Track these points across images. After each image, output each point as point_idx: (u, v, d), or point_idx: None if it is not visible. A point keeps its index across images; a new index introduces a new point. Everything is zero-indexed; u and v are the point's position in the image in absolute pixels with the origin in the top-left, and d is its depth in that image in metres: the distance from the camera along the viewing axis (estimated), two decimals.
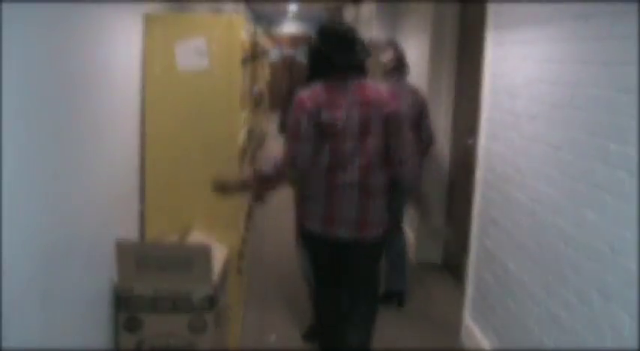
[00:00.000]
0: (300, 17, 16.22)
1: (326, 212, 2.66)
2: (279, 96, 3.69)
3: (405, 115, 2.79)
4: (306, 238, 2.83)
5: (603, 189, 2.13)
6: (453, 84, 4.64)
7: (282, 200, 7.06)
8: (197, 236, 2.86)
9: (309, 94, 2.64)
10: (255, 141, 4.84)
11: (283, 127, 3.73)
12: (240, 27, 2.89)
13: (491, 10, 3.31)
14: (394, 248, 3.91)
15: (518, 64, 2.95)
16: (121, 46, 2.47)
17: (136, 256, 2.39)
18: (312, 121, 2.59)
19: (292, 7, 13.12)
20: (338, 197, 2.64)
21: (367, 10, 7.44)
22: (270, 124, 11.61)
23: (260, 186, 2.75)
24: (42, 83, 1.64)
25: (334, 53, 2.67)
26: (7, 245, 1.44)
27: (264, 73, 8.23)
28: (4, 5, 1.39)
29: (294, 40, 15.84)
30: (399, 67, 3.92)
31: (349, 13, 10.77)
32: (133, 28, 2.63)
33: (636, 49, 1.96)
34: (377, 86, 2.74)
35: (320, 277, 2.89)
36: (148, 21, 2.78)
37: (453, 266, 4.57)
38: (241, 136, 3.10)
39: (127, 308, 2.40)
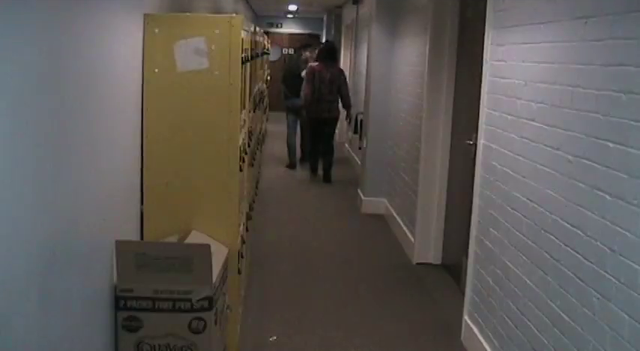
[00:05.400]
0: (299, 17, 16.22)
1: (319, 107, 7.71)
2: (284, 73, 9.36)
3: (346, 78, 7.97)
4: (312, 119, 7.87)
5: (603, 189, 2.13)
6: (452, 84, 4.64)
7: (282, 204, 7.07)
8: (197, 236, 2.85)
9: (314, 66, 7.76)
10: (255, 141, 4.84)
11: (284, 80, 9.03)
12: (240, 27, 2.89)
13: (491, 10, 3.31)
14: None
15: (517, 64, 2.95)
16: (121, 45, 2.46)
17: (136, 256, 2.39)
18: (312, 76, 7.67)
19: (292, 7, 13.12)
20: (324, 102, 7.70)
21: (367, 9, 7.44)
22: (270, 124, 11.62)
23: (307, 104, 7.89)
24: (42, 83, 1.64)
25: (326, 51, 7.96)
26: (6, 245, 1.44)
27: (264, 73, 8.25)
28: (4, 4, 1.39)
29: (294, 40, 15.83)
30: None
31: (349, 13, 10.76)
32: (133, 27, 2.63)
33: (636, 49, 1.96)
34: (337, 67, 8.10)
35: (312, 134, 8.08)
36: (148, 21, 2.78)
37: (452, 266, 4.57)
38: (241, 136, 3.10)
39: (126, 308, 2.40)
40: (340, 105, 7.89)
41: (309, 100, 7.73)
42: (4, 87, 1.41)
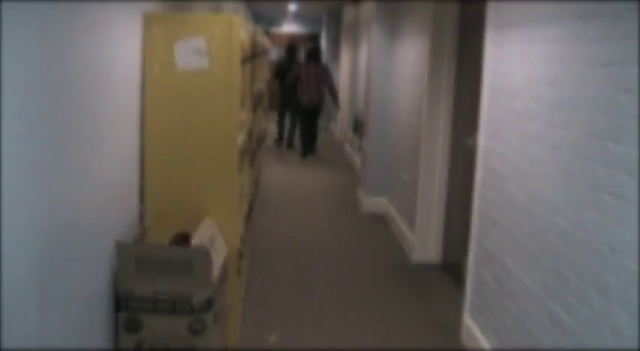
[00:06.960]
0: (299, 17, 16.22)
1: (308, 98, 9.67)
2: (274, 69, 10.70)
3: (330, 73, 10.09)
4: (302, 108, 9.81)
5: (603, 189, 2.13)
6: (452, 84, 4.64)
7: (282, 203, 7.07)
8: (208, 224, 2.83)
9: (301, 64, 9.89)
10: (255, 141, 4.84)
11: (276, 76, 10.53)
12: (239, 27, 2.89)
13: (491, 9, 3.31)
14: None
15: (517, 64, 2.95)
16: (121, 46, 2.46)
17: (136, 257, 2.39)
18: (301, 71, 9.65)
19: (292, 7, 13.12)
20: (310, 94, 9.67)
21: (367, 9, 7.44)
22: (270, 124, 11.62)
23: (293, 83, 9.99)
24: (42, 83, 1.64)
25: (311, 53, 9.89)
26: (6, 245, 1.44)
27: (264, 73, 8.26)
28: (5, 5, 1.39)
29: (294, 40, 15.80)
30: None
31: (349, 13, 10.76)
32: (132, 27, 2.63)
33: (636, 49, 1.96)
34: (323, 65, 10.08)
35: (302, 119, 9.96)
36: (148, 20, 2.78)
37: (452, 266, 4.57)
38: (241, 136, 3.10)
39: (127, 309, 2.40)
40: (332, 99, 10.10)
41: (290, 85, 9.93)
42: (5, 87, 1.41)
